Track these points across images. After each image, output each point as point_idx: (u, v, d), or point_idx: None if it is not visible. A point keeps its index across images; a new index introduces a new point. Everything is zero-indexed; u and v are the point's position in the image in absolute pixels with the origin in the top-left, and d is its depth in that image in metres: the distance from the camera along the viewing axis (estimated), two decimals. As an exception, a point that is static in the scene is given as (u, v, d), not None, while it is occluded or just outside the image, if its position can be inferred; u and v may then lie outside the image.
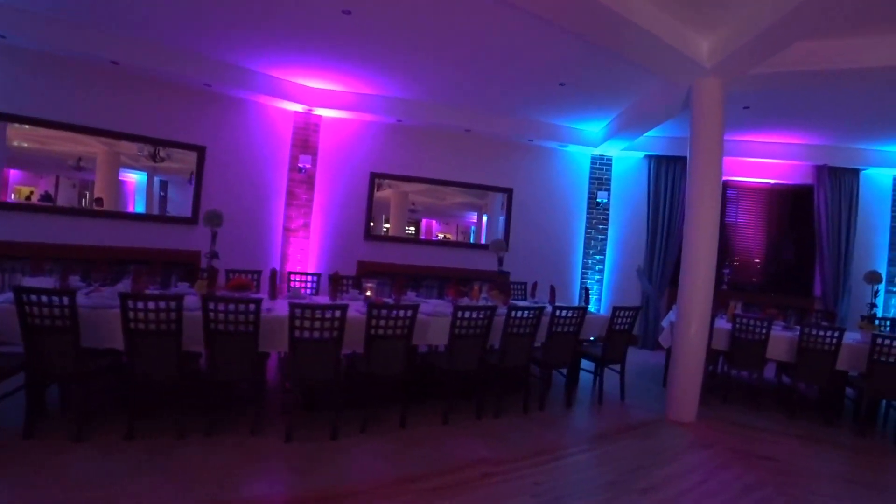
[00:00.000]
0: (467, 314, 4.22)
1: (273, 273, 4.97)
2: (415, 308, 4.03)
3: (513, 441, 4.08)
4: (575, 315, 4.76)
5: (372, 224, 7.69)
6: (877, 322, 6.06)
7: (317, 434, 3.85)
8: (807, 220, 8.24)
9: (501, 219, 8.29)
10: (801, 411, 5.25)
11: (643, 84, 5.90)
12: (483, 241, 8.52)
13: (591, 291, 8.18)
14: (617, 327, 5.06)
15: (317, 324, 3.72)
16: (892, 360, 4.72)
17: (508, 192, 8.20)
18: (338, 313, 3.75)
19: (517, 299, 6.33)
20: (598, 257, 8.37)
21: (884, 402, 5.45)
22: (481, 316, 4.26)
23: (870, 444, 4.69)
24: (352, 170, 7.55)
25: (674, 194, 8.10)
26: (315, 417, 4.12)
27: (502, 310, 4.55)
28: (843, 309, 7.86)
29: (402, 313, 3.97)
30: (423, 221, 8.47)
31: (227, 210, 6.76)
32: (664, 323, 5.78)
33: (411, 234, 8.34)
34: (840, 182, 8.02)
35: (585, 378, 5.71)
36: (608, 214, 8.41)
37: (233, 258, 6.43)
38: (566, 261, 8.47)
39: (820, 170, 8.02)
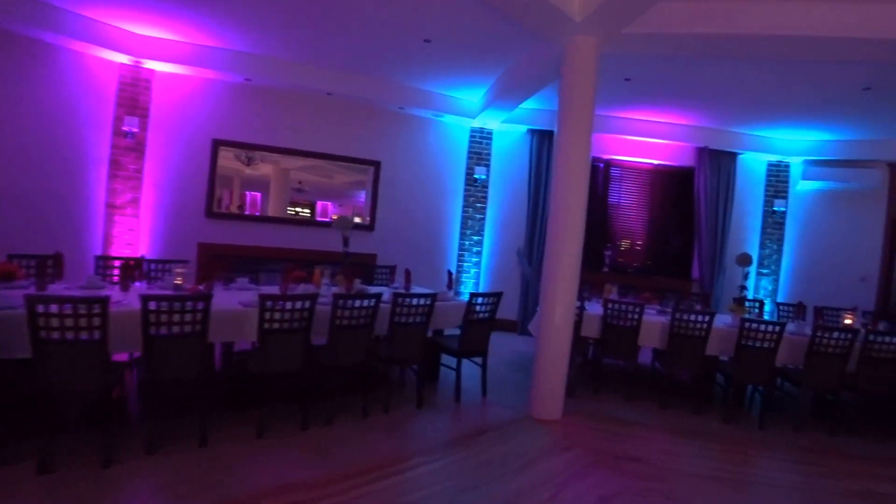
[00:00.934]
0: (280, 304, 3.44)
1: (54, 258, 3.94)
2: (206, 298, 3.20)
3: (339, 456, 3.37)
4: (423, 302, 4.12)
5: (216, 200, 6.62)
6: (747, 304, 5.99)
7: (86, 460, 2.96)
8: (689, 203, 8.18)
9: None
10: (673, 400, 4.98)
11: (516, 44, 5.34)
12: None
13: (469, 275, 7.68)
14: (475, 316, 4.48)
15: (69, 321, 2.82)
16: (758, 343, 4.53)
17: (376, 165, 7.41)
18: (97, 307, 2.86)
19: (381, 285, 5.63)
20: (475, 238, 7.82)
21: (750, 386, 5.31)
22: (299, 306, 3.50)
23: (735, 432, 4.47)
24: (190, 135, 6.42)
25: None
26: (95, 438, 3.18)
27: (327, 298, 3.82)
28: (718, 291, 7.89)
29: (190, 305, 3.13)
30: (319, 204, 7.54)
31: (29, 183, 5.54)
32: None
33: (306, 215, 7.47)
34: (719, 165, 8.01)
35: (452, 375, 5.11)
36: (487, 192, 7.87)
37: (36, 240, 5.24)
38: (441, 242, 7.85)
39: (701, 151, 7.96)
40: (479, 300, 4.49)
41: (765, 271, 8.21)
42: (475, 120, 7.57)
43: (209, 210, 6.54)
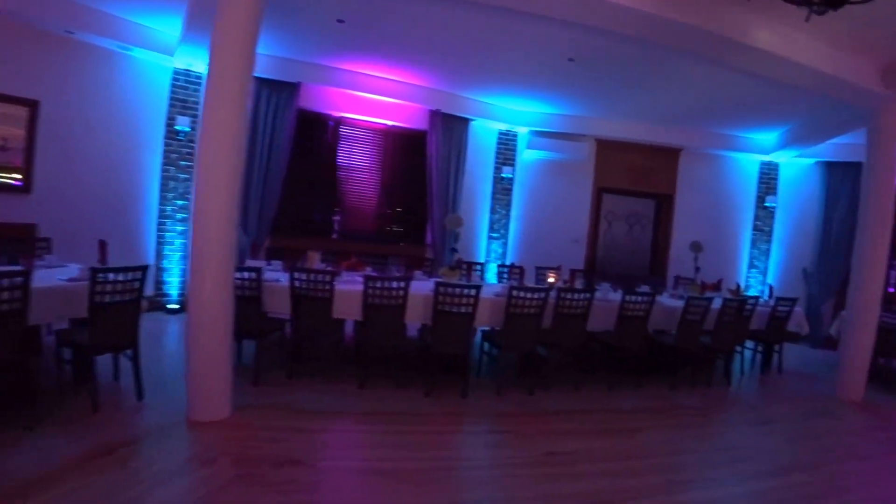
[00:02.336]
0: None
1: None
2: None
3: None
4: (12, 282, 2.87)
5: None
6: (472, 268, 5.91)
7: None
8: (422, 167, 7.95)
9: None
10: (377, 377, 4.52)
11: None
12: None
13: (173, 247, 6.36)
14: (105, 298, 3.35)
15: None
16: (454, 309, 4.29)
17: (31, 105, 5.55)
18: None
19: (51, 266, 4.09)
20: (179, 203, 6.48)
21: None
22: None
23: (436, 407, 4.15)
24: None
25: (275, 124, 6.76)
26: None
27: None
28: (450, 256, 7.85)
29: None
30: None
31: None
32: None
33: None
34: (451, 130, 7.92)
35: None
36: (193, 148, 6.53)
37: None
38: (133, 208, 6.34)
39: (433, 115, 7.75)
40: (110, 277, 3.36)
41: (495, 235, 8.46)
42: (174, 58, 6.17)
43: None
